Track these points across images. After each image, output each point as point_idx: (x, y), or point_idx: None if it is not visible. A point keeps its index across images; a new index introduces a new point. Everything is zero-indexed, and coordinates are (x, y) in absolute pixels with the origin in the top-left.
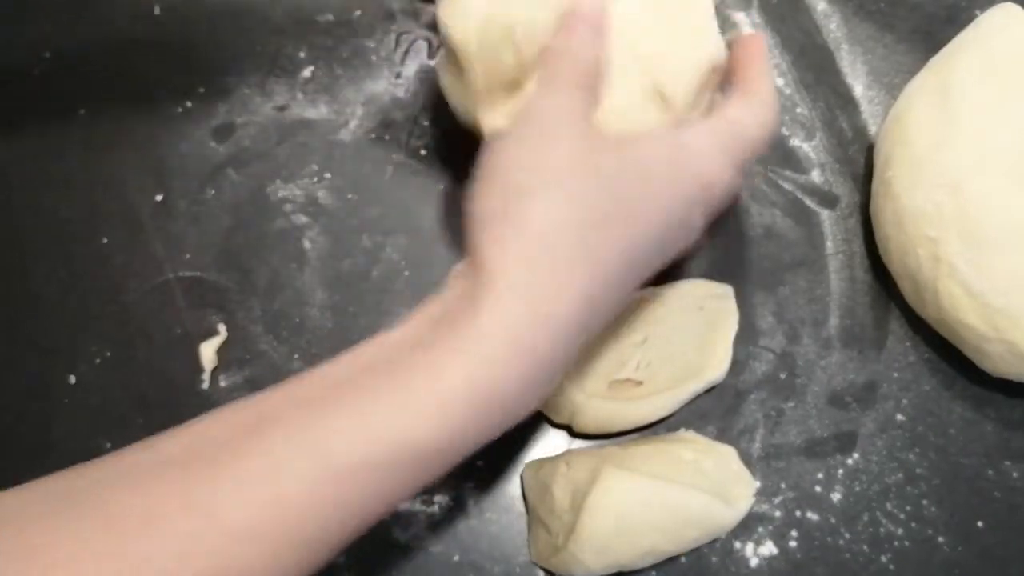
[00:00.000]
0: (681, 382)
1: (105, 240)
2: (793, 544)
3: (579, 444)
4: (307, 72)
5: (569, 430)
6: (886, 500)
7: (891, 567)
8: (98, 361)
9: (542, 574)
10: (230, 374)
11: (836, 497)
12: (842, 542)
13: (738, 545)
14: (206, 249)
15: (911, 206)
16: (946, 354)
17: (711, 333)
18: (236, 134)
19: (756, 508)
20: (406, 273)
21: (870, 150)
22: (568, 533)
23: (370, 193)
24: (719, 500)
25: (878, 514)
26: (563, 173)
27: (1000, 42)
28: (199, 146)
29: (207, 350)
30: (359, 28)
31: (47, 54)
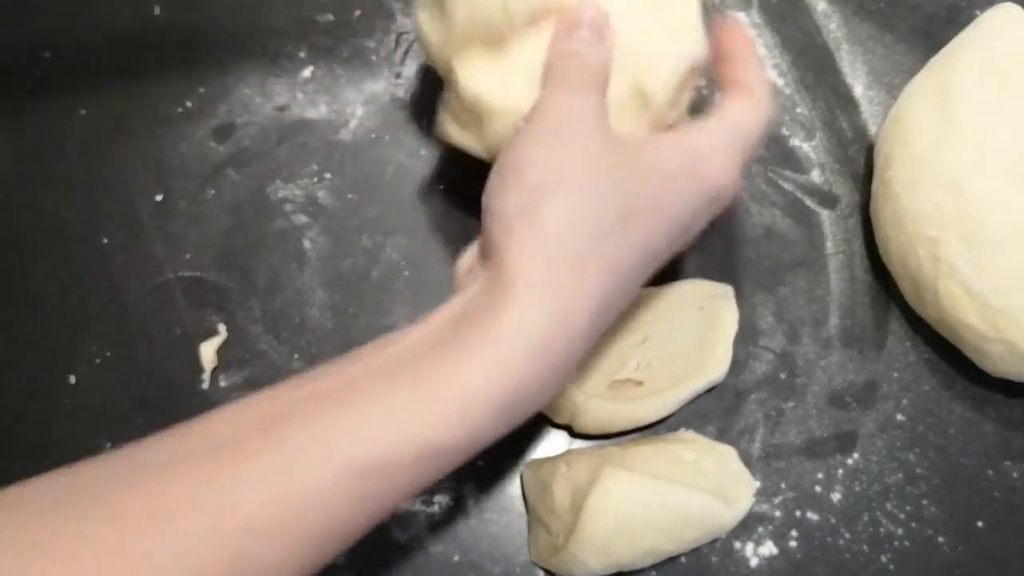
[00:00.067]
0: (681, 382)
1: (105, 240)
2: (793, 544)
3: (579, 444)
4: (307, 72)
5: (569, 430)
6: (886, 500)
7: (891, 567)
8: (98, 361)
9: (542, 574)
10: (230, 374)
11: (836, 497)
12: (842, 542)
13: (738, 545)
14: (206, 249)
15: (911, 206)
16: (946, 354)
17: (711, 333)
18: (236, 134)
19: (756, 508)
20: (406, 273)
21: (870, 150)
22: (568, 533)
23: (370, 193)
24: (719, 500)
25: (878, 514)
26: (579, 172)
27: (1000, 42)
28: (199, 146)
29: (207, 350)
30: (359, 28)
31: (47, 54)
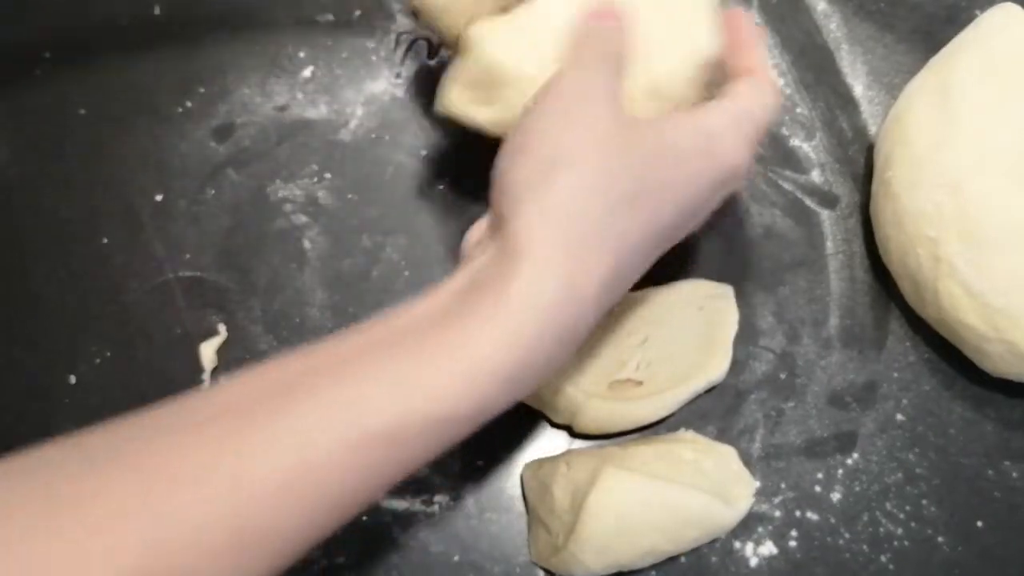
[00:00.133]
0: (681, 382)
1: (105, 240)
2: (793, 544)
3: (579, 444)
4: (307, 72)
5: (569, 430)
6: (886, 500)
7: (891, 567)
8: (98, 361)
9: (542, 574)
10: (230, 374)
11: (836, 497)
12: (842, 542)
13: (738, 545)
14: (206, 249)
15: (911, 206)
16: (946, 354)
17: (711, 333)
18: (236, 134)
19: (756, 508)
20: (406, 273)
21: (870, 150)
22: (568, 533)
23: (370, 193)
24: (719, 500)
25: (878, 514)
26: (590, 148)
27: (1000, 42)
28: (199, 146)
29: (207, 350)
30: (359, 28)
31: (47, 54)
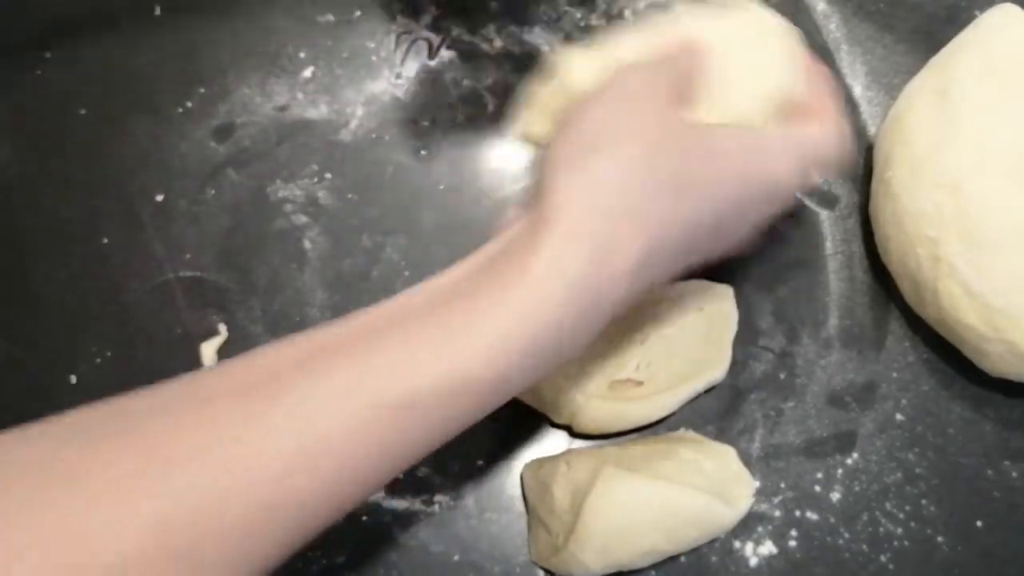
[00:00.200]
0: (681, 382)
1: (105, 240)
2: (792, 544)
3: (579, 444)
4: (307, 72)
5: (569, 430)
6: (885, 500)
7: (890, 567)
8: (98, 361)
9: (542, 574)
10: None
11: (835, 497)
12: (841, 542)
13: (738, 545)
14: (206, 249)
15: (911, 206)
16: (945, 354)
17: (711, 333)
18: (236, 134)
19: (756, 508)
20: (406, 273)
21: (869, 150)
22: (568, 533)
23: (370, 193)
24: (719, 500)
25: (877, 514)
26: (637, 135)
27: (1000, 42)
28: (199, 146)
29: (207, 350)
30: (359, 28)
31: (47, 54)
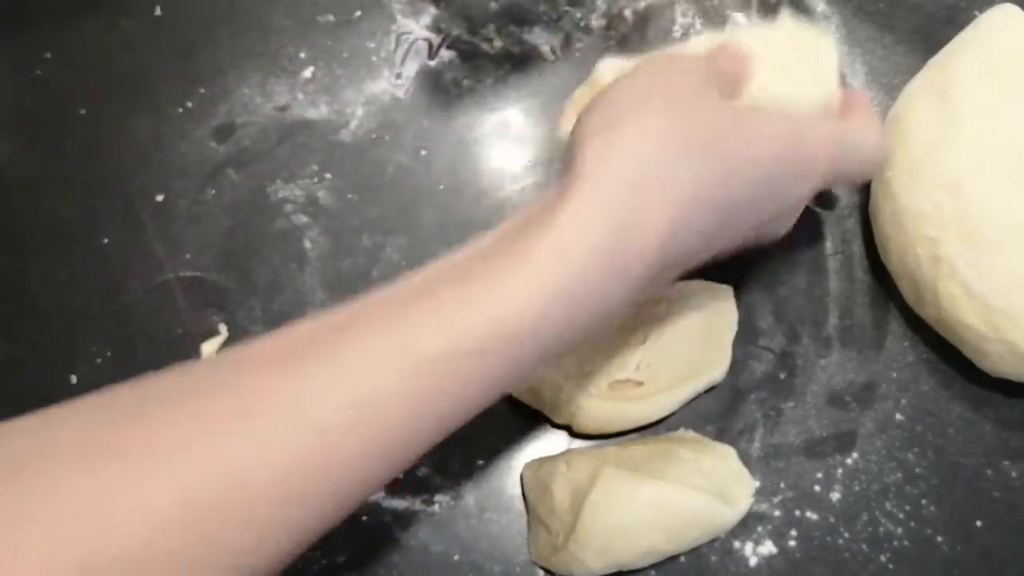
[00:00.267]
0: (681, 382)
1: (105, 240)
2: (792, 543)
3: (579, 444)
4: (307, 72)
5: (569, 430)
6: (885, 500)
7: (890, 567)
8: (98, 361)
9: (542, 574)
10: None
11: (835, 497)
12: (841, 542)
13: (737, 544)
14: (206, 249)
15: (911, 206)
16: (945, 354)
17: (711, 333)
18: (236, 134)
19: (755, 508)
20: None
21: None
22: (568, 533)
23: (370, 193)
24: (719, 500)
25: (877, 514)
26: (671, 105)
27: (999, 42)
28: (199, 146)
29: (208, 350)
30: (359, 28)
31: (47, 54)
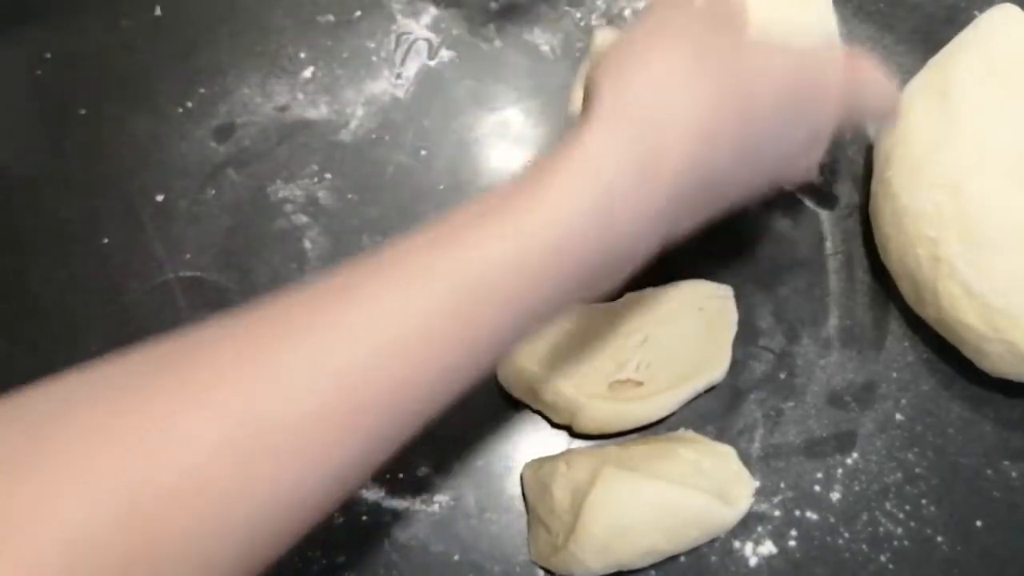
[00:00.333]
0: (681, 382)
1: (105, 240)
2: (792, 543)
3: (579, 444)
4: (307, 72)
5: (569, 430)
6: (885, 500)
7: (890, 566)
8: None
9: (542, 574)
10: None
11: (835, 497)
12: (841, 541)
13: (737, 544)
14: (206, 249)
15: (911, 206)
16: (945, 354)
17: (711, 333)
18: (236, 134)
19: (755, 508)
20: None
21: (869, 150)
22: (568, 533)
23: (370, 193)
24: (719, 500)
25: (877, 514)
26: (685, 41)
27: (999, 42)
28: (199, 146)
29: None
30: (359, 28)
31: (47, 54)
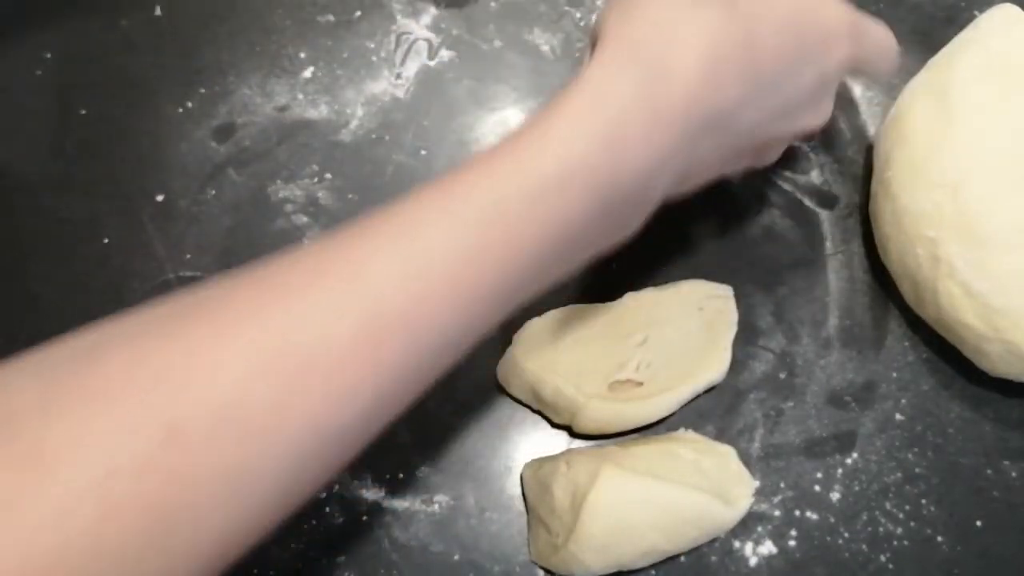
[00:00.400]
0: (681, 382)
1: (105, 240)
2: (792, 543)
3: (579, 444)
4: (307, 73)
5: (569, 430)
6: (885, 499)
7: (890, 566)
8: None
9: (542, 574)
10: None
11: (835, 496)
12: (841, 541)
13: (737, 544)
14: (206, 249)
15: (910, 206)
16: (945, 354)
17: (711, 333)
18: (237, 134)
19: (755, 507)
20: None
21: (869, 150)
22: (568, 532)
23: (370, 193)
24: (719, 500)
25: (877, 513)
26: None
27: (999, 43)
28: (199, 146)
29: None
30: (359, 29)
31: (47, 54)
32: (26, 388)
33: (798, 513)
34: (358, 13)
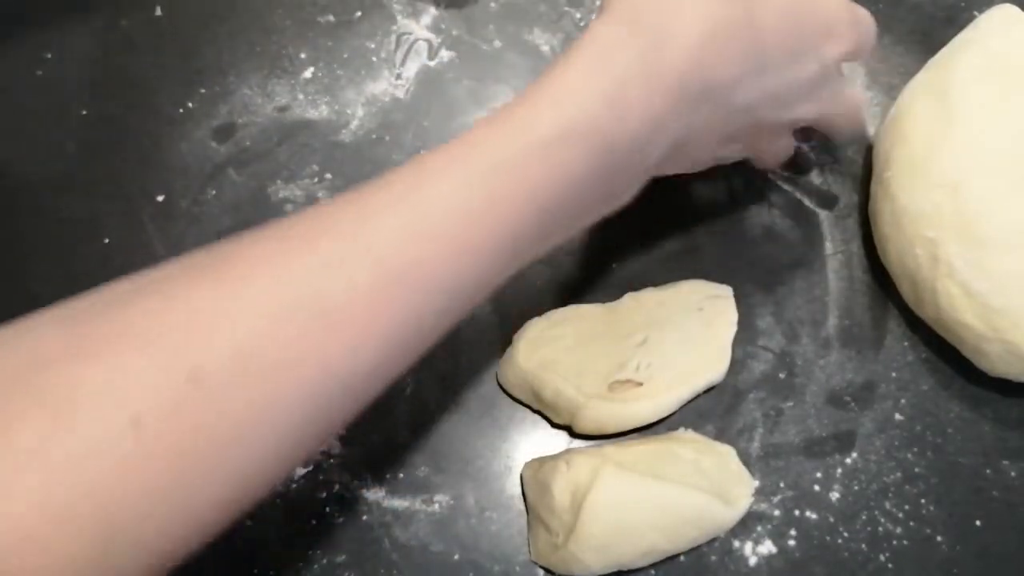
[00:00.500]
0: (681, 382)
1: (105, 240)
2: (792, 543)
3: (579, 444)
4: (308, 73)
5: (569, 430)
6: (884, 499)
7: (889, 566)
8: None
9: (542, 573)
10: None
11: (835, 496)
12: (841, 541)
13: (737, 544)
14: None
15: (910, 206)
16: (944, 354)
17: (711, 333)
18: (237, 134)
19: (755, 507)
20: None
21: (869, 150)
22: (568, 532)
23: None
24: (718, 499)
25: (876, 513)
26: None
27: (999, 43)
28: (200, 146)
29: None
30: (359, 29)
31: (47, 54)
32: (54, 335)
33: (798, 513)
34: (358, 13)
